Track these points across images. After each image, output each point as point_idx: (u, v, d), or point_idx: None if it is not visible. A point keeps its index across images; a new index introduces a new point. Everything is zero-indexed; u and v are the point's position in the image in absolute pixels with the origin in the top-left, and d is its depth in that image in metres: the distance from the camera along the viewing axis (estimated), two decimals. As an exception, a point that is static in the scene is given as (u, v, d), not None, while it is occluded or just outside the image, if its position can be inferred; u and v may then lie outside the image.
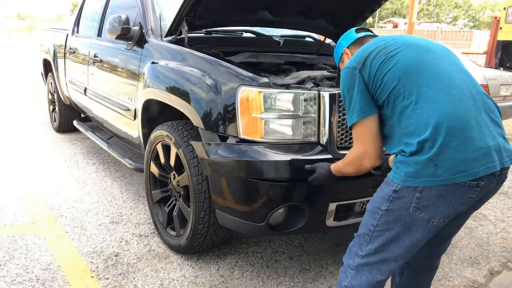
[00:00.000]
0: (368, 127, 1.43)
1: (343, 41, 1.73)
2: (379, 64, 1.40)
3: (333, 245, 2.71)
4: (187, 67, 2.33)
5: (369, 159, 1.46)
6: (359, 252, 1.48)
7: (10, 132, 5.26)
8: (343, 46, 1.71)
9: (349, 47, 1.69)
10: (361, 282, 1.47)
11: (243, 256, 2.54)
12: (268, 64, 2.74)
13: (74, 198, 3.30)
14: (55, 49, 4.90)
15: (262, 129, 1.93)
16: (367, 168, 1.50)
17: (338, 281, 1.56)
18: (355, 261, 1.49)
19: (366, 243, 1.46)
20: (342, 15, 3.22)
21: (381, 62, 1.40)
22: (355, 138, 1.50)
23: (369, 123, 1.43)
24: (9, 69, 12.97)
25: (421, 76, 1.35)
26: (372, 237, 1.44)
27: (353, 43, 1.68)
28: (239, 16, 2.91)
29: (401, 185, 1.34)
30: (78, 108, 4.53)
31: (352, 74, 1.43)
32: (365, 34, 1.69)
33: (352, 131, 1.50)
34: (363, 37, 1.68)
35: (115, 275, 2.29)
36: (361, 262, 1.47)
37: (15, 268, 2.32)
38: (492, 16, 20.88)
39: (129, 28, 2.89)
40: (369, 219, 1.46)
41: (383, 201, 1.40)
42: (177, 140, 2.30)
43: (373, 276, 1.46)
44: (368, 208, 1.48)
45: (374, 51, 1.43)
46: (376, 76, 1.39)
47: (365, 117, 1.42)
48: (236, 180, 1.99)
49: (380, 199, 1.41)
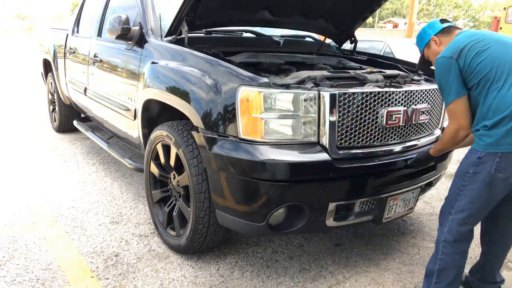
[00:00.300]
0: (462, 105, 1.80)
1: (430, 30, 2.02)
2: (473, 55, 1.76)
3: (333, 245, 2.71)
4: (187, 67, 2.33)
5: (463, 129, 1.83)
6: (451, 210, 1.87)
7: (10, 132, 5.26)
8: (430, 34, 2.01)
9: (437, 35, 1.99)
10: (455, 234, 1.85)
11: (243, 256, 2.54)
12: (268, 64, 2.74)
13: (74, 198, 3.30)
14: (55, 49, 4.90)
15: (262, 129, 1.93)
16: (462, 138, 1.88)
17: (436, 239, 1.93)
18: (448, 218, 1.88)
19: (456, 201, 1.85)
20: (342, 15, 3.23)
21: (475, 54, 1.76)
22: (450, 115, 1.86)
23: (463, 101, 1.80)
24: (9, 69, 12.96)
25: (506, 67, 1.72)
26: (462, 195, 1.83)
27: (441, 32, 1.99)
28: (239, 16, 2.91)
29: (484, 152, 1.74)
30: (78, 108, 4.53)
31: (448, 62, 1.79)
32: (450, 25, 2.00)
33: (448, 109, 1.86)
34: (450, 27, 1.99)
35: (115, 275, 2.29)
36: (453, 218, 1.86)
37: (15, 268, 2.32)
38: (492, 16, 20.89)
39: (129, 28, 2.89)
40: (458, 182, 1.86)
41: (469, 166, 1.80)
42: (177, 140, 2.30)
43: (464, 228, 1.85)
44: (456, 174, 1.88)
45: (469, 44, 1.79)
46: (470, 65, 1.76)
47: (460, 97, 1.79)
48: (235, 179, 1.99)
49: (467, 164, 1.82)
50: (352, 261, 2.54)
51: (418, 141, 2.37)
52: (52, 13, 67.28)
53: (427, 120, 2.39)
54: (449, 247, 1.87)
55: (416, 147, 2.35)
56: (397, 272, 2.45)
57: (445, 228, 1.88)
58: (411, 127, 2.29)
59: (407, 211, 2.45)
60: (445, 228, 1.89)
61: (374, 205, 2.25)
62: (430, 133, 2.49)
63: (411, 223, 3.11)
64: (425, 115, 2.34)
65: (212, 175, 2.12)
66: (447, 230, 1.87)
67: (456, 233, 1.85)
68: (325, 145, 1.99)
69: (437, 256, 1.92)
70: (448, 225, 1.87)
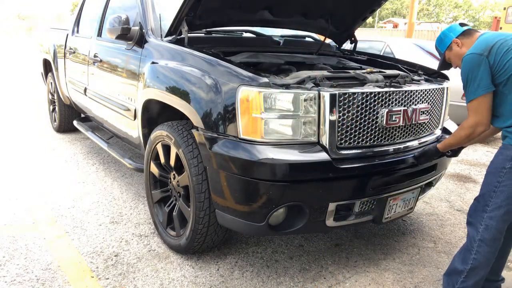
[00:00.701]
0: (487, 101, 1.84)
1: (450, 33, 2.06)
2: (503, 53, 1.81)
3: (333, 245, 2.71)
4: (187, 67, 2.33)
5: (482, 125, 1.87)
6: (486, 208, 1.86)
7: (10, 132, 5.26)
8: (451, 37, 2.05)
9: (458, 37, 2.03)
10: (494, 232, 1.85)
11: (243, 256, 2.54)
12: (268, 64, 2.74)
13: (74, 198, 3.30)
14: (55, 49, 4.90)
15: (262, 129, 1.93)
16: (478, 134, 1.91)
17: (471, 237, 1.91)
18: (483, 217, 1.87)
19: (491, 199, 1.85)
20: (342, 15, 3.22)
21: (504, 51, 1.81)
22: (472, 110, 1.88)
23: (489, 97, 1.84)
24: (9, 69, 12.96)
25: None
26: (498, 192, 1.83)
27: (462, 34, 2.03)
28: (239, 16, 2.91)
29: None
30: (78, 108, 4.53)
31: (478, 58, 1.83)
32: (469, 28, 2.05)
33: (470, 104, 1.87)
34: (470, 29, 2.04)
35: (115, 275, 2.29)
36: (491, 216, 1.85)
37: (15, 268, 2.32)
38: (492, 16, 20.89)
39: (129, 28, 2.89)
40: (493, 178, 1.85)
41: (505, 161, 1.81)
42: (177, 140, 2.30)
43: (502, 225, 1.86)
44: (489, 171, 1.88)
45: (499, 42, 1.84)
46: (500, 61, 1.80)
47: (488, 92, 1.83)
48: (235, 179, 1.99)
49: (502, 160, 1.83)
50: (352, 261, 2.54)
51: (418, 141, 2.37)
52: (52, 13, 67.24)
53: (427, 120, 2.39)
54: (485, 246, 1.87)
55: (416, 147, 2.35)
56: (397, 272, 2.45)
57: (480, 227, 1.87)
58: (411, 127, 2.29)
59: (407, 211, 2.45)
60: (479, 226, 1.87)
61: (374, 205, 2.25)
62: (430, 133, 2.49)
63: (411, 223, 3.11)
64: (425, 115, 2.34)
65: (212, 175, 2.12)
66: (483, 228, 1.86)
67: (494, 231, 1.85)
68: (325, 145, 1.99)
69: (470, 255, 1.90)
70: (484, 223, 1.86)
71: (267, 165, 1.89)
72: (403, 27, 29.25)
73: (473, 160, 4.93)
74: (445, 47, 2.09)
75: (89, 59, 3.74)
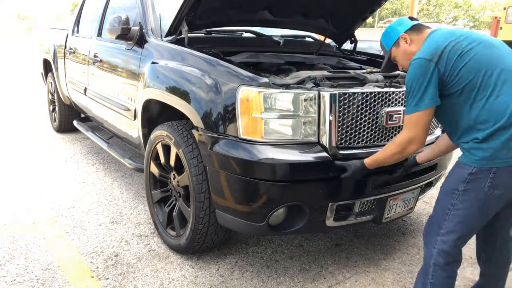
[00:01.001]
0: (429, 116, 1.64)
1: (399, 27, 1.81)
2: (455, 58, 1.57)
3: (333, 245, 2.71)
4: (187, 67, 2.33)
5: (417, 143, 1.68)
6: (439, 231, 1.70)
7: (10, 132, 5.26)
8: (399, 32, 1.80)
9: (407, 32, 1.79)
10: (446, 257, 1.69)
11: (243, 256, 2.54)
12: (268, 64, 2.74)
13: (74, 198, 3.30)
14: (55, 49, 4.90)
15: (262, 129, 1.93)
16: (412, 151, 1.72)
17: (424, 261, 1.77)
18: (436, 239, 1.71)
19: (444, 221, 1.68)
20: (342, 15, 3.22)
21: (457, 56, 1.57)
22: (409, 124, 1.68)
23: (431, 112, 1.64)
24: (9, 69, 12.96)
25: (495, 71, 1.54)
26: (451, 215, 1.65)
27: (411, 29, 1.78)
28: (239, 16, 2.91)
29: (476, 168, 1.56)
30: (78, 108, 4.53)
31: (427, 65, 1.59)
32: (419, 23, 1.81)
33: (409, 117, 1.67)
34: (420, 24, 1.79)
35: (115, 275, 2.29)
36: (443, 239, 1.69)
37: (15, 268, 2.32)
38: (492, 16, 20.89)
39: (129, 28, 2.89)
40: (446, 200, 1.67)
41: (458, 183, 1.62)
42: (177, 140, 2.30)
43: (455, 250, 1.69)
44: (442, 191, 1.71)
45: (450, 45, 1.60)
46: (453, 69, 1.57)
47: (432, 106, 1.61)
48: (235, 179, 1.99)
49: (456, 181, 1.63)
50: (352, 261, 2.54)
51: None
52: (52, 13, 67.26)
53: (427, 120, 2.38)
54: (440, 270, 1.71)
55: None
56: (397, 272, 2.45)
57: (433, 250, 1.72)
58: (411, 127, 2.28)
59: (407, 211, 2.45)
60: (433, 250, 1.72)
61: (374, 205, 2.25)
62: (430, 132, 2.49)
63: (411, 223, 3.11)
64: (425, 115, 2.34)
65: (212, 175, 2.12)
66: (436, 253, 1.71)
67: (446, 255, 1.69)
68: (325, 145, 1.99)
69: (427, 279, 1.75)
70: (437, 248, 1.70)
71: (267, 165, 1.89)
72: (403, 27, 29.16)
73: (473, 160, 4.93)
74: (392, 43, 1.83)
75: (89, 59, 3.74)
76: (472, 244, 2.82)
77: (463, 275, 2.43)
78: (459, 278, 2.40)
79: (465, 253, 2.68)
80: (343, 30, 3.45)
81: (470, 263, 2.57)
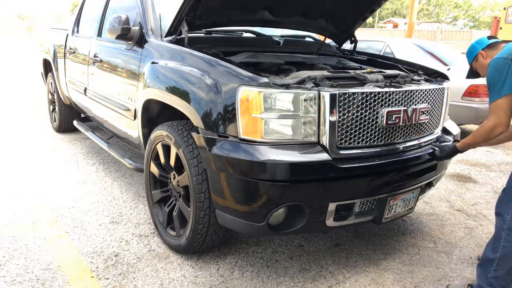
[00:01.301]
0: (509, 102, 1.95)
1: (477, 45, 2.24)
2: None
3: (333, 245, 2.71)
4: (187, 67, 2.33)
5: (501, 126, 1.98)
6: None
7: (10, 132, 5.26)
8: (478, 49, 2.24)
9: (483, 50, 2.22)
10: None
11: (243, 256, 2.54)
12: (268, 64, 2.74)
13: (74, 198, 3.30)
14: (55, 49, 4.90)
15: (262, 129, 1.93)
16: (497, 134, 2.02)
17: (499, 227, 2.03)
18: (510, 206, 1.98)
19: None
20: (342, 15, 3.23)
21: None
22: (493, 111, 1.99)
23: (510, 98, 1.94)
24: (9, 69, 12.97)
25: None
26: None
27: (487, 47, 2.21)
28: (239, 16, 2.91)
29: None
30: (78, 108, 4.53)
31: (504, 62, 1.96)
32: (496, 41, 2.22)
33: (493, 104, 1.98)
34: (496, 42, 2.21)
35: (115, 275, 2.29)
36: None
37: (15, 268, 2.32)
38: (492, 16, 20.89)
39: (129, 28, 2.89)
40: None
41: None
42: (177, 140, 2.30)
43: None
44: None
45: None
46: None
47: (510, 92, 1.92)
48: (235, 179, 1.99)
49: None
50: (352, 261, 2.54)
51: (418, 141, 2.37)
52: (52, 13, 67.20)
53: (427, 120, 2.39)
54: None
55: (416, 147, 2.35)
56: (397, 272, 2.45)
57: (507, 216, 1.98)
58: (411, 127, 2.29)
59: (407, 211, 2.45)
60: (507, 216, 1.98)
61: (374, 205, 2.25)
62: (431, 133, 2.49)
63: (411, 223, 3.11)
64: (425, 115, 2.34)
65: (212, 175, 2.12)
66: (510, 217, 1.97)
67: None
68: (325, 145, 1.99)
69: (499, 244, 2.00)
70: (510, 214, 1.97)
71: (267, 165, 1.89)
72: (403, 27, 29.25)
73: (473, 160, 4.93)
74: (472, 58, 2.27)
75: (89, 59, 3.74)
76: (472, 244, 2.82)
77: (463, 275, 2.43)
78: (459, 278, 2.40)
79: (465, 253, 2.68)
80: (343, 30, 3.45)
81: (470, 263, 2.57)
